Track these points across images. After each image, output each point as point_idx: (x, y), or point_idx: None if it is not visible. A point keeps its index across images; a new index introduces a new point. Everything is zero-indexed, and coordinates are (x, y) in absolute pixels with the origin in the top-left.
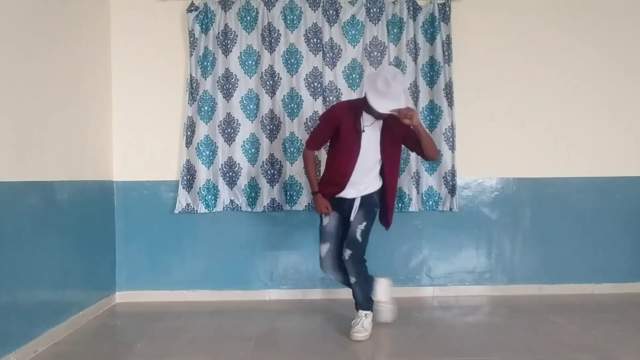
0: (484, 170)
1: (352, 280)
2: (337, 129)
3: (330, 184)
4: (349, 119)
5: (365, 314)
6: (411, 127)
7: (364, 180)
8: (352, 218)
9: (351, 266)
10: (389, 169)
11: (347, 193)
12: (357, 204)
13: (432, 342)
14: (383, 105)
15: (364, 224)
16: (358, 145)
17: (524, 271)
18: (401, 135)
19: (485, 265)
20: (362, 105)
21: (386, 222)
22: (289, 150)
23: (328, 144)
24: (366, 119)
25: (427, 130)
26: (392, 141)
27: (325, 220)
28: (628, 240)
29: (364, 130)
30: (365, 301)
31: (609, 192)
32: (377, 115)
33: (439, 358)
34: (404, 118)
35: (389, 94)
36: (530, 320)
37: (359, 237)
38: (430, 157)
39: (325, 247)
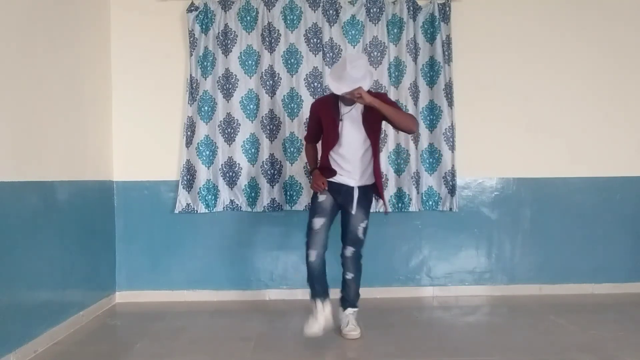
0: (484, 170)
1: (350, 276)
2: (320, 122)
3: (324, 170)
4: (327, 109)
5: (353, 312)
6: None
7: (356, 168)
8: (354, 211)
9: (352, 263)
10: (374, 151)
11: (343, 179)
12: (356, 195)
13: (432, 342)
14: (337, 87)
15: (366, 222)
16: (337, 133)
17: (524, 271)
18: (380, 116)
19: (485, 265)
20: (337, 95)
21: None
22: (289, 150)
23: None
24: (344, 108)
25: (386, 105)
26: (375, 123)
27: (322, 197)
28: (628, 240)
29: (341, 119)
30: (356, 297)
31: (609, 192)
32: (347, 102)
33: (439, 358)
34: (357, 99)
35: (345, 77)
36: (530, 320)
37: (361, 235)
38: (407, 128)
39: (321, 221)
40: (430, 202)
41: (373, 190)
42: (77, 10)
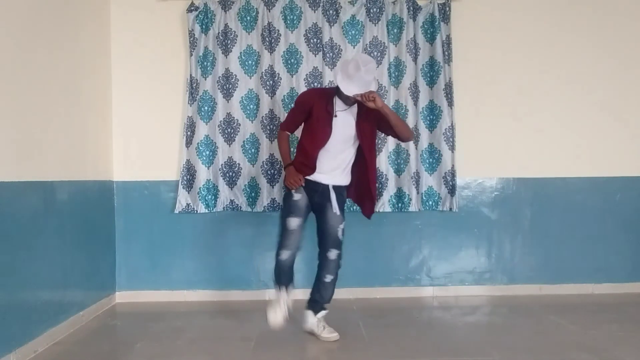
0: (484, 170)
1: (330, 279)
2: (310, 113)
3: (303, 166)
4: (321, 103)
5: (324, 314)
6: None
7: (336, 167)
8: (336, 211)
9: (335, 265)
10: (369, 155)
11: (321, 178)
12: (333, 194)
13: (432, 342)
14: (349, 88)
15: (344, 223)
16: (330, 129)
17: (524, 271)
18: (376, 120)
19: (485, 265)
20: (334, 91)
21: (370, 210)
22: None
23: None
24: (339, 105)
25: (393, 112)
26: (369, 126)
27: (297, 196)
28: (628, 240)
29: (336, 115)
30: (330, 299)
31: (609, 192)
32: (348, 101)
33: (439, 358)
34: (367, 101)
35: (357, 79)
36: (530, 320)
37: (341, 237)
38: (405, 137)
39: (297, 221)
40: (430, 202)
41: (346, 190)
42: (77, 11)
